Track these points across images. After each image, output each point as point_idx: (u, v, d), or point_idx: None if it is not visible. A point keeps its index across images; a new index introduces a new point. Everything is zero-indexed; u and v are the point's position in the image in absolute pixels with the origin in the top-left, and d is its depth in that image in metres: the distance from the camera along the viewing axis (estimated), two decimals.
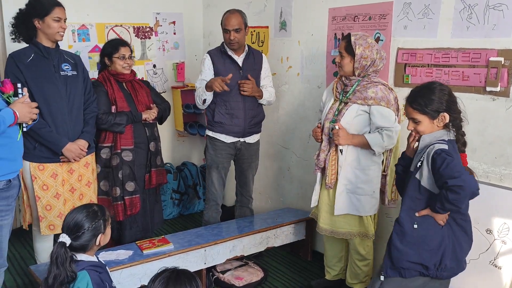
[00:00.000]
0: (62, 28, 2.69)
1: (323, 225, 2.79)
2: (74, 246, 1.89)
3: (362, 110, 2.60)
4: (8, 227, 2.30)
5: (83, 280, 1.83)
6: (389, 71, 2.87)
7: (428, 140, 2.07)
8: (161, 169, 3.31)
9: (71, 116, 2.76)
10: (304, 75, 3.49)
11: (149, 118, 3.16)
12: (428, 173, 2.03)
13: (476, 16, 2.43)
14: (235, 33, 3.11)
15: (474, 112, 2.49)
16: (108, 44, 3.19)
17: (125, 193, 3.09)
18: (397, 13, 2.79)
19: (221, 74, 3.15)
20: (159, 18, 4.21)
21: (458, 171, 1.93)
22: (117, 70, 3.11)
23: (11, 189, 2.27)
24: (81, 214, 1.91)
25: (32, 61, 2.65)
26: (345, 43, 2.59)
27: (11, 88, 2.24)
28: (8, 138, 2.21)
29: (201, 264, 2.95)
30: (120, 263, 2.65)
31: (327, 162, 2.68)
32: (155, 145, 3.24)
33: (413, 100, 2.08)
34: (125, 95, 3.13)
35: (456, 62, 2.53)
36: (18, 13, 2.70)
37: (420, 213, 2.08)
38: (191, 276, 1.64)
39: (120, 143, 3.06)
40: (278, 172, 3.86)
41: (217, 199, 3.36)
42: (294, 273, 3.31)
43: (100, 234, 1.93)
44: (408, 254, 2.07)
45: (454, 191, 1.92)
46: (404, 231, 2.08)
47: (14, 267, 3.28)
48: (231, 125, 3.20)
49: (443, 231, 2.07)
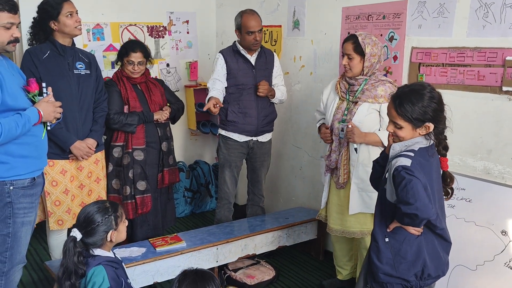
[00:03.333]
0: (77, 22, 2.72)
1: (334, 226, 2.79)
2: (87, 242, 1.92)
3: (373, 108, 2.60)
4: (31, 224, 2.33)
5: (100, 274, 1.86)
6: (403, 70, 2.85)
7: (398, 149, 1.94)
8: (174, 168, 3.34)
9: (81, 114, 2.80)
10: (317, 74, 3.48)
11: (161, 119, 3.18)
12: (391, 188, 1.93)
13: (493, 15, 2.40)
14: (259, 33, 3.14)
15: (489, 112, 2.46)
16: (124, 45, 3.21)
17: (136, 192, 3.12)
18: (411, 12, 2.77)
19: (234, 73, 3.17)
20: (172, 18, 4.24)
21: (414, 195, 1.79)
22: (126, 72, 3.14)
23: (35, 187, 2.30)
24: (92, 209, 1.93)
25: (48, 57, 2.70)
26: (352, 45, 2.57)
27: (37, 88, 2.27)
28: (33, 136, 2.26)
29: (213, 262, 2.96)
30: (133, 260, 2.68)
31: (339, 162, 2.67)
32: (167, 144, 3.26)
33: (399, 103, 1.89)
34: (138, 95, 3.16)
35: (472, 62, 2.51)
36: (33, 22, 2.76)
37: (389, 227, 1.98)
38: (212, 275, 1.67)
39: (132, 143, 3.09)
40: (290, 171, 3.86)
41: (229, 198, 3.38)
42: (306, 272, 3.31)
43: (112, 230, 1.94)
44: (385, 270, 1.98)
45: (408, 216, 1.84)
46: (378, 246, 1.99)
47: (30, 263, 3.33)
48: (244, 124, 3.21)
49: (419, 241, 1.96)
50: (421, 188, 1.82)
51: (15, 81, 2.23)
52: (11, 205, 2.21)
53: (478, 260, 2.47)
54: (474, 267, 2.49)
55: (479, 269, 2.48)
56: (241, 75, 3.18)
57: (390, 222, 1.99)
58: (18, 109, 2.17)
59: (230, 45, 3.31)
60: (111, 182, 3.13)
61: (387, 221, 2.00)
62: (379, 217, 2.04)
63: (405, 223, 1.90)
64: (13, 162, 2.19)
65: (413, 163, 1.85)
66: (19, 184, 2.22)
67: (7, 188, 2.19)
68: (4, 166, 2.17)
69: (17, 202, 2.22)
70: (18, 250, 2.30)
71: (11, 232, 2.24)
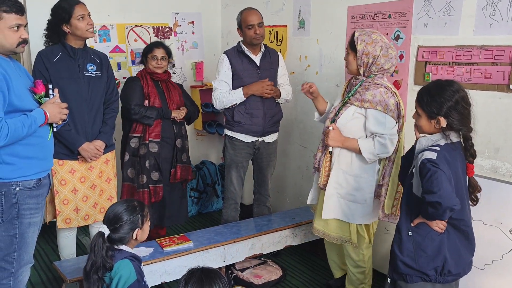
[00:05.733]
0: (90, 24, 2.76)
1: (317, 226, 2.75)
2: (113, 238, 1.99)
3: (359, 112, 2.48)
4: (37, 225, 2.35)
5: (126, 267, 1.93)
6: (409, 69, 2.84)
7: (424, 143, 2.00)
8: (187, 165, 3.44)
9: (90, 116, 2.82)
10: (322, 74, 3.47)
11: (178, 117, 3.32)
12: (417, 181, 1.97)
13: (500, 13, 2.38)
14: (259, 27, 3.13)
15: (497, 110, 2.44)
16: (148, 44, 3.43)
17: (150, 181, 3.26)
18: (417, 10, 2.76)
19: (239, 74, 3.17)
20: (178, 18, 4.25)
21: (438, 185, 1.83)
22: (150, 69, 3.31)
23: (41, 188, 2.32)
24: (121, 207, 2.01)
25: (59, 60, 2.73)
26: (350, 40, 2.52)
27: (43, 89, 2.29)
28: (39, 137, 2.27)
29: (220, 262, 2.97)
30: (141, 260, 2.69)
31: (320, 162, 2.63)
32: (181, 142, 3.39)
33: (421, 92, 2.01)
34: (159, 93, 3.32)
35: (479, 60, 2.49)
36: (47, 25, 2.80)
37: (414, 222, 2.03)
38: (219, 273, 1.68)
39: (148, 135, 3.24)
40: (297, 171, 3.85)
41: (236, 198, 3.38)
42: (312, 272, 3.30)
43: (138, 228, 2.02)
44: (405, 260, 2.03)
45: (432, 206, 1.87)
46: (401, 238, 2.05)
47: (39, 263, 3.36)
48: (250, 125, 3.21)
49: (441, 237, 2.00)
50: (446, 179, 1.86)
51: (22, 82, 2.25)
52: (17, 206, 2.22)
53: (486, 259, 2.45)
54: (482, 266, 2.47)
55: (487, 268, 2.46)
56: (246, 76, 3.18)
57: (415, 217, 2.03)
58: (24, 110, 2.19)
59: (234, 46, 3.31)
60: (126, 171, 3.27)
61: (412, 215, 2.04)
62: (405, 211, 2.08)
63: (429, 213, 1.91)
64: (19, 163, 2.20)
65: (438, 156, 1.90)
66: (25, 185, 2.23)
67: (13, 189, 2.20)
68: (10, 167, 2.18)
69: (23, 203, 2.24)
70: (25, 250, 2.31)
71: (18, 233, 2.25)
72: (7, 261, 2.26)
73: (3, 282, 2.27)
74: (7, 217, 2.21)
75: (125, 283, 1.90)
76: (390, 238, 2.47)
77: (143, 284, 1.99)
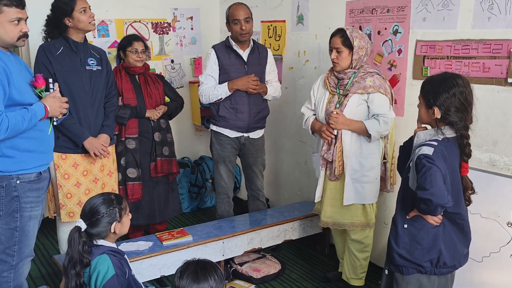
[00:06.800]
0: (91, 17, 2.76)
1: (325, 219, 2.81)
2: (91, 233, 1.94)
3: (362, 99, 2.65)
4: (37, 218, 2.36)
5: (104, 263, 1.88)
6: (408, 63, 2.85)
7: (423, 137, 2.00)
8: (169, 159, 3.41)
9: (92, 109, 2.83)
10: (321, 69, 3.48)
11: (152, 117, 3.31)
12: (413, 175, 1.98)
13: (498, 7, 2.40)
14: (246, 23, 3.10)
15: (495, 104, 2.46)
16: (124, 38, 3.38)
17: (127, 178, 3.27)
18: (415, 5, 2.77)
19: (226, 69, 3.15)
20: (176, 14, 4.25)
21: (431, 182, 1.84)
22: (129, 63, 3.29)
23: (41, 181, 2.33)
24: (97, 201, 1.96)
25: (61, 54, 2.73)
26: (340, 38, 2.62)
27: (43, 83, 2.30)
28: (40, 131, 2.28)
29: (219, 256, 2.98)
30: (141, 254, 2.71)
31: (334, 154, 2.70)
32: (160, 135, 3.37)
33: (425, 81, 2.03)
34: (135, 87, 3.29)
35: (477, 54, 2.51)
36: (47, 20, 2.80)
37: (409, 215, 2.05)
38: (214, 265, 1.67)
39: (125, 132, 3.25)
40: (295, 165, 3.86)
41: (227, 192, 3.37)
42: (311, 266, 3.32)
43: (116, 222, 1.96)
44: (400, 252, 2.05)
45: (424, 202, 1.89)
46: (397, 231, 2.07)
47: (38, 257, 3.37)
48: (235, 120, 3.18)
49: (437, 230, 2.02)
50: (440, 177, 1.87)
51: (22, 76, 2.25)
52: (18, 199, 2.23)
53: (484, 251, 2.47)
54: (480, 259, 2.49)
55: (485, 261, 2.48)
56: (233, 71, 3.15)
57: (410, 210, 2.05)
58: (24, 104, 2.20)
59: (223, 40, 3.28)
60: None
61: (408, 208, 2.06)
62: (401, 204, 2.10)
63: (421, 209, 1.93)
64: (19, 156, 2.21)
65: (435, 151, 1.90)
66: (25, 178, 2.24)
67: (13, 182, 2.21)
68: (10, 160, 2.19)
69: (23, 196, 2.25)
70: (26, 243, 2.32)
71: (19, 226, 2.26)
72: (8, 254, 2.27)
73: (4, 274, 2.29)
74: (7, 210, 2.22)
75: (103, 278, 1.85)
76: (388, 232, 2.49)
77: (125, 279, 1.93)
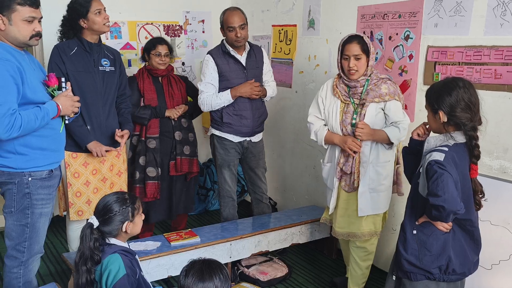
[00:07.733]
0: (106, 19, 2.79)
1: (339, 229, 2.78)
2: (103, 230, 1.95)
3: (379, 108, 2.61)
4: (47, 215, 2.39)
5: (116, 262, 1.89)
6: (419, 69, 2.85)
7: (433, 143, 1.99)
8: (190, 158, 3.45)
9: (104, 109, 2.86)
10: (331, 74, 3.48)
11: (172, 116, 3.33)
12: (423, 181, 1.97)
13: (511, 13, 2.39)
14: (241, 29, 3.07)
15: (507, 111, 2.45)
16: (149, 41, 3.43)
17: (146, 177, 3.31)
18: (427, 10, 2.77)
19: (226, 76, 3.13)
20: (188, 17, 4.29)
21: (443, 188, 1.83)
22: (152, 65, 3.34)
23: (52, 179, 2.36)
24: (111, 199, 1.97)
25: (75, 54, 2.77)
26: (358, 45, 2.53)
27: (56, 82, 2.34)
28: (52, 129, 2.31)
29: (227, 258, 2.98)
30: (149, 254, 2.72)
31: (353, 166, 2.66)
32: (181, 134, 3.41)
33: (429, 87, 2.03)
34: (157, 89, 3.33)
35: (489, 60, 2.50)
36: (63, 20, 2.83)
37: (419, 221, 2.03)
38: (220, 264, 1.67)
39: (146, 132, 3.30)
40: (304, 170, 3.86)
41: (232, 195, 3.37)
42: (318, 270, 3.31)
43: (128, 221, 1.97)
44: (409, 259, 2.03)
45: (436, 209, 1.87)
46: (406, 236, 2.06)
47: (47, 255, 3.40)
48: (240, 126, 3.18)
49: (446, 236, 2.00)
50: (452, 183, 1.85)
51: (36, 75, 2.29)
52: (29, 196, 2.26)
53: (493, 259, 2.45)
54: (489, 266, 2.47)
55: (494, 269, 2.46)
56: (233, 77, 3.13)
57: (420, 215, 2.03)
58: (37, 103, 2.23)
59: (218, 45, 3.23)
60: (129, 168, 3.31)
61: (417, 214, 2.04)
62: (410, 210, 2.08)
63: (433, 215, 1.91)
64: (32, 154, 2.25)
65: (446, 157, 1.89)
66: (37, 176, 2.28)
67: (25, 179, 2.25)
68: (23, 157, 2.23)
69: (35, 193, 2.28)
70: (36, 240, 2.35)
71: (30, 222, 2.30)
72: (18, 250, 2.30)
73: (14, 270, 2.31)
74: (19, 207, 2.25)
75: (114, 278, 1.85)
76: (396, 238, 2.48)
77: (136, 279, 1.94)
